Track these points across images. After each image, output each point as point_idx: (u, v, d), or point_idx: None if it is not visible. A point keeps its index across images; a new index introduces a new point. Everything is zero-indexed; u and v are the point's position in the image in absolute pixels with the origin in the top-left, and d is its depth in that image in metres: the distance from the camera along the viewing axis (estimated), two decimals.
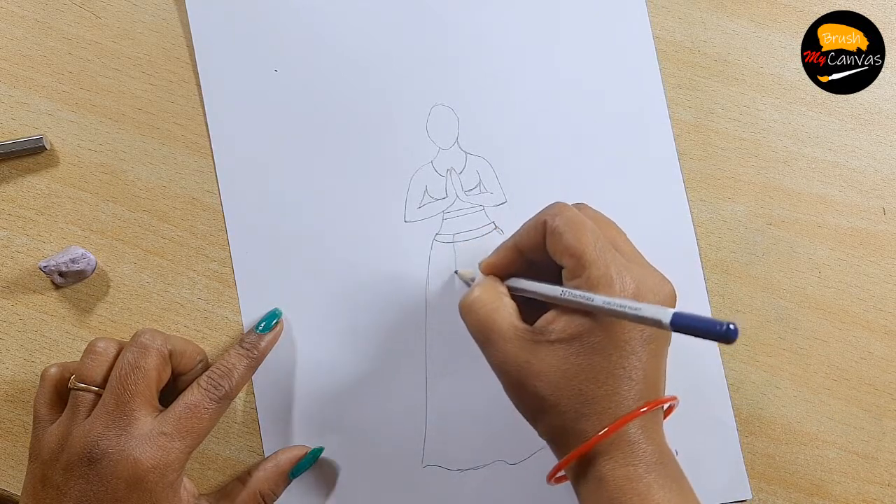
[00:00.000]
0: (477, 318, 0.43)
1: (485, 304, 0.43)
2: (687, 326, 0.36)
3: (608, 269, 0.40)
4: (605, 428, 0.40)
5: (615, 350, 0.40)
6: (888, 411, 0.52)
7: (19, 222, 0.51)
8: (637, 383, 0.40)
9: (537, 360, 0.41)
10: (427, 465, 0.50)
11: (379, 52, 0.52)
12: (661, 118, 0.53)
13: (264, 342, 0.48)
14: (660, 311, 0.37)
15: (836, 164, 0.53)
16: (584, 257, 0.41)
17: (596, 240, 0.41)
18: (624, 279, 0.40)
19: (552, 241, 0.42)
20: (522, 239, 0.44)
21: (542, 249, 0.43)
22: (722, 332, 0.34)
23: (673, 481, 0.40)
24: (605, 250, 0.41)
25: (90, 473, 0.42)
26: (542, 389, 0.41)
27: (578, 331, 0.40)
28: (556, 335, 0.41)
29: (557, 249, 0.42)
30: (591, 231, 0.41)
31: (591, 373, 0.40)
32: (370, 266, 0.51)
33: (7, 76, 0.51)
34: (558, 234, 0.42)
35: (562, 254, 0.41)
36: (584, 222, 0.42)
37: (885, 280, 0.53)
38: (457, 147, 0.52)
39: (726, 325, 0.34)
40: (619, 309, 0.38)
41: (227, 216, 0.51)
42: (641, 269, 0.42)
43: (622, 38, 0.54)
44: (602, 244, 0.41)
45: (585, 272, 0.40)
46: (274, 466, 0.48)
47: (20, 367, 0.50)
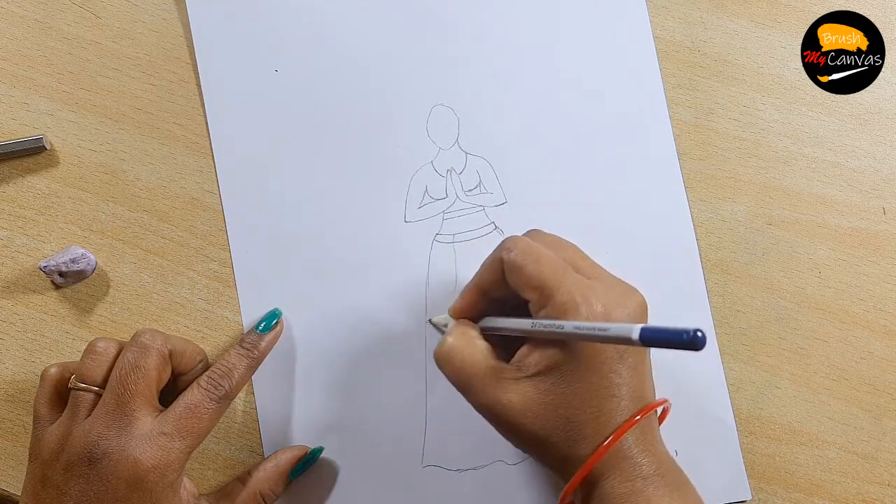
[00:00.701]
0: (453, 366, 0.43)
1: (459, 351, 0.43)
2: (655, 340, 0.36)
3: (572, 293, 0.40)
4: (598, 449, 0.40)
5: (593, 373, 0.40)
6: (888, 411, 0.52)
7: (19, 222, 0.51)
8: (622, 399, 0.40)
9: (519, 398, 0.41)
10: (427, 466, 0.50)
11: (379, 53, 0.52)
12: (661, 118, 0.53)
13: (264, 342, 0.48)
14: (627, 328, 0.37)
15: (836, 164, 0.53)
16: (546, 287, 0.40)
17: (555, 267, 0.41)
18: (589, 301, 0.40)
19: (512, 276, 0.42)
20: (483, 278, 0.44)
21: (503, 286, 0.43)
22: (687, 341, 0.34)
23: (674, 490, 0.41)
24: (565, 275, 0.41)
25: (90, 473, 0.42)
26: (531, 425, 0.41)
27: (554, 361, 0.40)
28: (533, 369, 0.41)
29: (519, 283, 0.42)
30: (547, 259, 0.41)
31: (574, 400, 0.40)
32: (370, 266, 0.51)
33: (7, 76, 0.51)
34: (517, 268, 0.41)
35: (524, 287, 0.41)
36: (540, 251, 0.42)
37: (885, 280, 0.53)
38: (457, 147, 0.52)
39: (692, 332, 0.34)
40: (588, 332, 0.38)
41: (227, 216, 0.51)
42: (605, 285, 0.42)
43: (622, 38, 0.54)
44: (562, 269, 0.41)
45: (551, 301, 0.40)
46: (274, 466, 0.48)
47: (20, 367, 0.50)
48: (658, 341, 0.35)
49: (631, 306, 0.41)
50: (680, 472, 0.42)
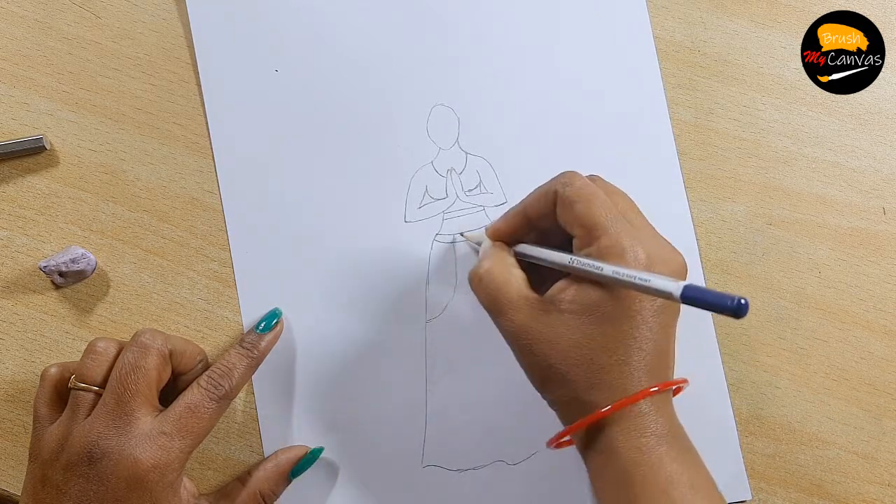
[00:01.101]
0: (487, 290, 0.43)
1: (495, 277, 0.43)
2: (697, 299, 0.36)
3: (619, 238, 0.40)
4: (616, 400, 0.40)
5: (626, 320, 0.40)
6: (888, 411, 0.52)
7: (19, 222, 0.51)
8: (647, 354, 0.40)
9: (548, 330, 0.41)
10: (427, 466, 0.50)
11: (379, 53, 0.52)
12: (661, 118, 0.53)
13: (264, 342, 0.48)
14: (670, 283, 0.37)
15: (836, 164, 0.53)
16: (595, 227, 0.41)
17: (607, 210, 0.41)
18: (636, 249, 0.40)
19: (563, 210, 0.42)
20: (532, 206, 0.44)
21: (550, 218, 0.43)
22: (732, 307, 0.34)
23: (685, 452, 0.41)
24: (616, 220, 0.41)
25: (90, 473, 0.42)
26: (553, 358, 0.41)
27: (589, 300, 0.40)
28: (566, 304, 0.41)
29: (568, 219, 0.42)
30: (602, 201, 0.41)
31: (601, 342, 0.40)
32: (370, 266, 0.51)
33: (7, 76, 0.51)
34: (569, 203, 0.42)
35: (572, 223, 0.42)
36: (596, 192, 0.42)
37: (885, 280, 0.53)
38: (457, 147, 0.52)
39: (737, 299, 0.34)
40: (628, 280, 0.38)
41: (227, 216, 0.51)
42: (653, 240, 0.42)
43: (623, 38, 0.54)
44: (613, 214, 0.41)
45: (596, 242, 0.41)
46: (274, 466, 0.48)
47: (20, 367, 0.50)
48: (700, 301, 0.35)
49: (674, 264, 0.42)
50: (688, 439, 0.42)
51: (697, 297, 0.36)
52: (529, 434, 0.51)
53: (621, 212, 0.42)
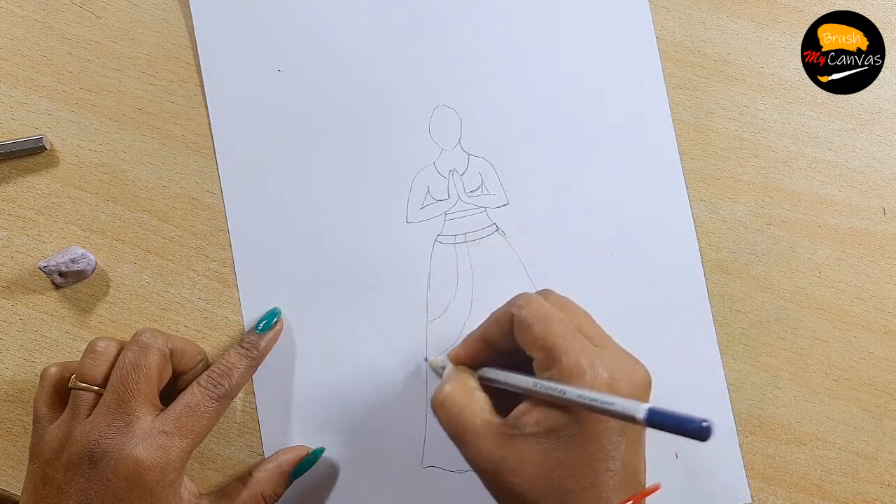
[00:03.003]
0: (449, 416, 0.42)
1: (456, 402, 0.42)
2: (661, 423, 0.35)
3: (579, 359, 0.40)
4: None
5: (591, 442, 0.39)
6: (888, 411, 0.52)
7: (19, 222, 0.51)
8: (616, 473, 0.40)
9: (512, 456, 0.40)
10: (427, 466, 0.50)
11: (382, 53, 0.52)
12: (663, 118, 0.53)
13: (264, 342, 0.48)
14: (633, 406, 0.36)
15: (836, 164, 0.53)
16: (554, 349, 0.40)
17: (564, 330, 0.41)
18: (596, 368, 0.40)
19: (521, 333, 0.42)
20: (490, 330, 0.44)
21: (509, 340, 0.43)
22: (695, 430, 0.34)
23: None
24: (574, 340, 0.40)
25: (91, 472, 0.42)
26: (520, 486, 0.40)
27: (553, 424, 0.40)
28: (530, 429, 0.40)
29: (527, 342, 0.41)
30: (558, 321, 0.41)
31: (568, 467, 0.39)
32: (371, 266, 0.51)
33: (7, 76, 0.51)
34: (526, 325, 0.41)
35: (531, 346, 0.41)
36: (551, 313, 0.41)
37: (885, 280, 0.53)
38: (459, 148, 0.52)
39: (699, 422, 0.34)
40: (591, 403, 0.38)
41: (228, 216, 0.51)
42: (613, 355, 0.42)
43: (625, 38, 0.54)
44: (571, 334, 0.41)
45: (556, 364, 0.40)
46: (275, 467, 0.48)
47: (20, 367, 0.50)
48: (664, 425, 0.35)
49: (636, 380, 0.41)
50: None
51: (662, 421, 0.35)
52: None
53: (580, 329, 0.42)
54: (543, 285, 0.46)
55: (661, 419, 0.35)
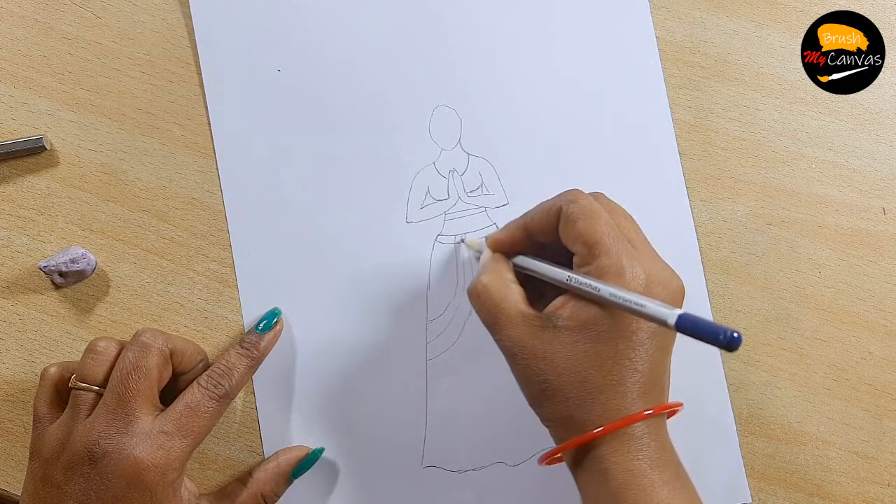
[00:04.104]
0: (485, 305, 0.43)
1: (493, 292, 0.43)
2: (691, 329, 0.36)
3: (619, 258, 0.40)
4: (610, 420, 0.40)
5: (622, 340, 0.40)
6: (888, 411, 0.52)
7: (19, 222, 0.51)
8: (642, 375, 0.40)
9: (544, 346, 0.41)
10: (427, 467, 0.50)
11: (382, 53, 0.52)
12: (663, 118, 0.53)
13: (264, 342, 0.48)
14: (665, 309, 0.37)
15: (836, 164, 0.53)
16: (596, 246, 0.41)
17: (609, 229, 0.41)
18: (635, 270, 0.40)
19: (566, 227, 0.42)
20: (534, 220, 0.44)
21: (552, 233, 0.43)
22: (725, 340, 0.34)
23: (676, 479, 0.41)
24: (617, 240, 0.41)
25: (91, 472, 0.42)
26: (548, 374, 0.41)
27: (586, 318, 0.40)
28: (563, 321, 0.41)
29: (570, 236, 0.42)
30: (605, 221, 0.42)
31: (596, 361, 0.40)
32: (371, 266, 0.51)
33: (7, 76, 0.51)
34: (572, 220, 0.42)
35: (574, 240, 0.42)
36: (599, 211, 0.42)
37: (885, 280, 0.53)
38: (459, 148, 0.52)
39: (730, 332, 0.34)
40: (624, 303, 0.38)
41: (228, 216, 0.51)
42: (652, 262, 0.42)
43: (625, 38, 0.54)
44: (615, 234, 0.41)
45: (596, 260, 0.41)
46: (275, 467, 0.48)
47: (20, 367, 0.50)
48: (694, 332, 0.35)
49: (671, 287, 0.42)
50: (681, 465, 0.42)
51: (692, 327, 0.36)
52: (529, 435, 0.50)
53: (623, 232, 0.43)
54: None
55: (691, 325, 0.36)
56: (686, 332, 0.36)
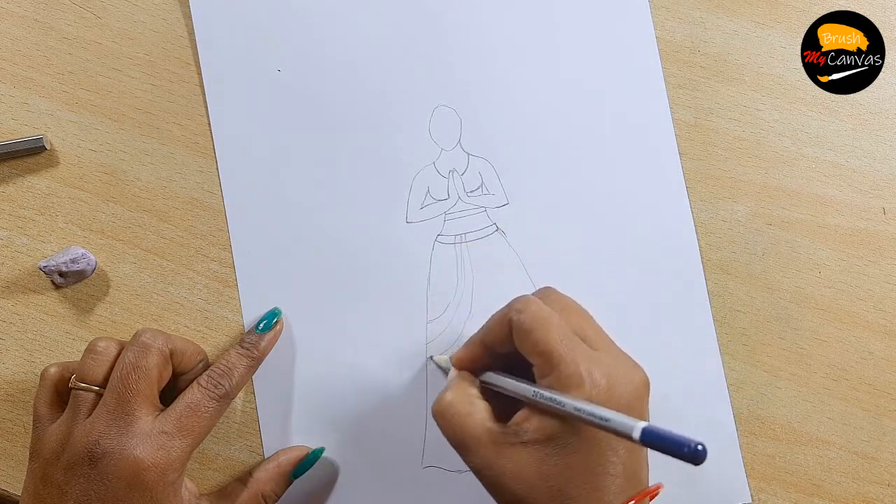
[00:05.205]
0: (450, 423, 0.42)
1: (457, 410, 0.42)
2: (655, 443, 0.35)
3: (577, 367, 0.39)
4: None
5: (592, 449, 0.39)
6: (888, 411, 0.52)
7: (19, 222, 0.51)
8: (617, 477, 0.40)
9: (513, 463, 0.40)
10: (427, 467, 0.50)
11: (382, 53, 0.52)
12: (663, 119, 0.53)
13: (264, 342, 0.48)
14: (629, 422, 0.36)
15: (836, 164, 0.53)
16: (552, 355, 0.40)
17: (562, 336, 0.40)
18: (594, 376, 0.39)
19: (519, 338, 0.41)
20: (490, 334, 0.44)
21: (508, 344, 0.43)
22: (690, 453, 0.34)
23: None
24: (572, 346, 0.40)
25: (91, 473, 0.42)
26: (521, 491, 0.40)
27: (552, 432, 0.39)
28: (529, 435, 0.40)
29: (525, 347, 0.41)
30: (556, 327, 0.41)
31: (568, 473, 0.39)
32: (371, 266, 0.51)
33: (7, 76, 0.51)
34: (525, 331, 0.41)
35: (530, 352, 0.41)
36: (550, 317, 0.41)
37: (885, 280, 0.53)
38: (459, 148, 0.52)
39: (694, 444, 0.34)
40: (588, 417, 0.37)
41: (228, 216, 0.51)
42: (611, 359, 0.41)
43: (625, 38, 0.54)
44: (569, 340, 0.41)
45: (555, 370, 0.40)
46: (275, 467, 0.48)
47: (20, 367, 0.50)
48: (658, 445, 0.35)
49: (634, 383, 0.41)
50: None
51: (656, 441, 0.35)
52: None
53: (577, 330, 0.42)
54: (543, 285, 0.46)
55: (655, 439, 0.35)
56: (651, 446, 0.35)
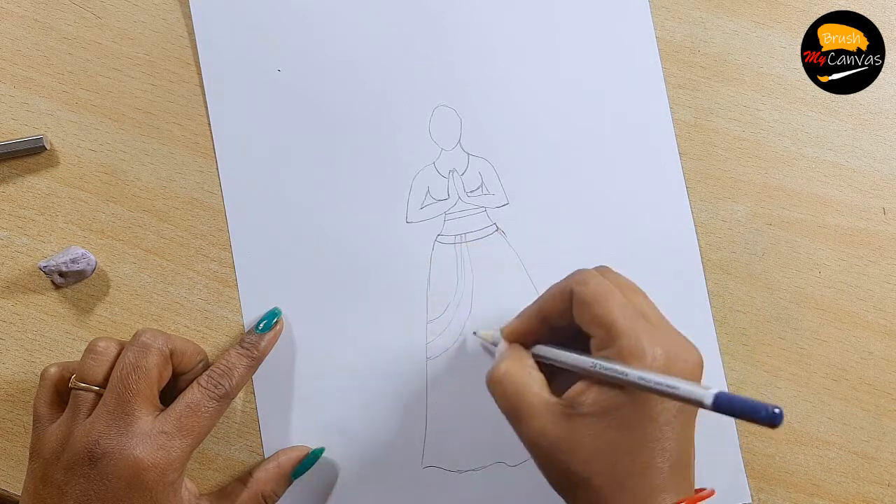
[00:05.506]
0: (506, 395, 0.42)
1: (515, 380, 0.42)
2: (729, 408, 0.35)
3: (639, 339, 0.39)
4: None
5: (649, 423, 0.39)
6: (888, 411, 0.52)
7: (19, 222, 0.51)
8: (671, 454, 0.40)
9: (569, 435, 0.40)
10: (427, 467, 0.50)
11: (382, 53, 0.52)
12: (663, 118, 0.53)
13: (264, 342, 0.48)
14: (700, 390, 0.36)
15: (836, 164, 0.53)
16: (613, 328, 0.40)
17: (625, 310, 0.40)
18: (655, 350, 0.39)
19: (580, 310, 0.41)
20: (547, 306, 0.44)
21: (567, 317, 0.42)
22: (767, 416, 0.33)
23: None
24: (634, 320, 0.40)
25: (91, 473, 0.42)
26: (575, 465, 0.40)
27: (611, 404, 0.39)
28: (587, 408, 0.40)
29: (586, 319, 0.41)
30: (618, 301, 0.41)
31: (624, 447, 0.39)
32: (371, 266, 0.51)
33: (7, 76, 0.51)
34: (586, 304, 0.41)
35: (590, 324, 0.41)
36: (612, 291, 0.41)
37: (885, 280, 0.53)
38: (459, 148, 0.52)
39: (772, 408, 0.33)
40: (655, 386, 0.37)
41: (228, 216, 0.51)
42: (670, 338, 0.41)
43: (625, 38, 0.54)
44: (631, 314, 0.41)
45: (616, 343, 0.40)
46: (275, 467, 0.48)
47: (20, 367, 0.50)
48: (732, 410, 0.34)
49: (691, 362, 0.41)
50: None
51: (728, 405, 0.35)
52: None
53: (637, 309, 0.42)
54: (543, 285, 0.45)
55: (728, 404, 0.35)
56: (723, 412, 0.35)
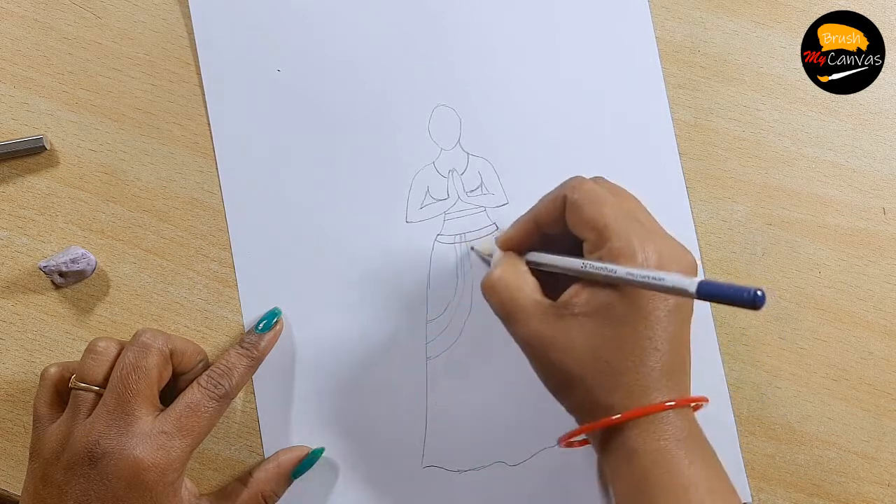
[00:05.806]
0: (500, 297, 0.43)
1: (508, 284, 0.43)
2: (713, 294, 0.35)
3: (630, 240, 0.40)
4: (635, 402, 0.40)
5: (641, 320, 0.40)
6: (888, 411, 0.52)
7: (19, 222, 0.51)
8: (663, 354, 0.40)
9: (562, 335, 0.41)
10: (427, 466, 0.50)
11: (382, 53, 0.52)
12: (663, 119, 0.53)
13: (264, 341, 0.48)
14: (684, 279, 0.37)
15: (836, 164, 0.53)
16: (605, 230, 0.41)
17: (616, 212, 0.41)
18: (646, 250, 0.40)
19: (572, 214, 0.42)
20: (541, 213, 0.44)
21: (560, 223, 0.43)
22: (749, 299, 0.34)
23: (704, 457, 0.41)
24: (625, 221, 0.41)
25: (91, 473, 0.42)
26: (569, 363, 0.41)
27: (603, 303, 0.40)
28: (580, 308, 0.41)
29: (578, 223, 0.42)
30: (611, 204, 0.42)
31: (617, 344, 0.40)
32: (371, 266, 0.51)
33: (7, 76, 0.51)
34: (578, 207, 0.42)
35: (582, 227, 0.42)
36: (604, 195, 0.42)
37: (885, 280, 0.53)
38: (459, 148, 0.52)
39: (753, 290, 0.34)
40: (641, 280, 0.38)
41: (228, 216, 0.51)
42: (662, 240, 0.42)
43: (625, 38, 0.54)
44: (623, 216, 0.41)
45: (607, 244, 0.40)
46: (275, 467, 0.48)
47: (20, 367, 0.50)
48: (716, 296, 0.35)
49: (684, 263, 0.42)
50: (706, 441, 0.42)
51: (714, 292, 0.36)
52: (530, 435, 0.51)
53: (630, 213, 0.43)
54: None
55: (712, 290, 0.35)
56: (708, 298, 0.36)
